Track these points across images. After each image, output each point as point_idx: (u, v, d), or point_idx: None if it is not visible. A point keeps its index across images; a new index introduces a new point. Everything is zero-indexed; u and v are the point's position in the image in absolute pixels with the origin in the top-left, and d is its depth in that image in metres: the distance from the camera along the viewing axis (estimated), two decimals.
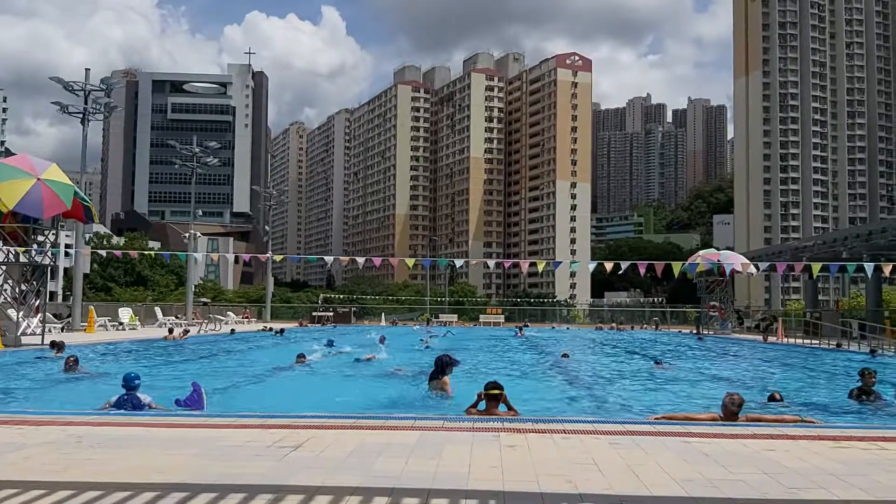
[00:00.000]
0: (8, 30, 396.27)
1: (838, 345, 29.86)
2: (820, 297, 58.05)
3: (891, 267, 21.49)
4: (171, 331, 30.35)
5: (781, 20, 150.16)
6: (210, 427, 7.76)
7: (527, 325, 51.32)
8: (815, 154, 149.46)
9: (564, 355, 23.83)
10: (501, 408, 9.33)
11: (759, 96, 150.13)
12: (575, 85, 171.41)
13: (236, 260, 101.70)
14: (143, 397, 9.97)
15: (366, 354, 20.08)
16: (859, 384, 12.72)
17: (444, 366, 12.13)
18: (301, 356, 18.71)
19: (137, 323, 36.81)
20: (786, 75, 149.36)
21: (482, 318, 62.22)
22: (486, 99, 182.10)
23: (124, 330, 34.32)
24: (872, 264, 24.66)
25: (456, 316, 66.49)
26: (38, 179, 22.75)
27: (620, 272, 24.30)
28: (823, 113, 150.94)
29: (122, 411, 9.33)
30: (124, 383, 9.97)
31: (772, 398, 11.99)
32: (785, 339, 35.44)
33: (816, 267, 21.48)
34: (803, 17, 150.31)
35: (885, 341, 30.14)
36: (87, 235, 74.61)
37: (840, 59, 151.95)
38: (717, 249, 61.76)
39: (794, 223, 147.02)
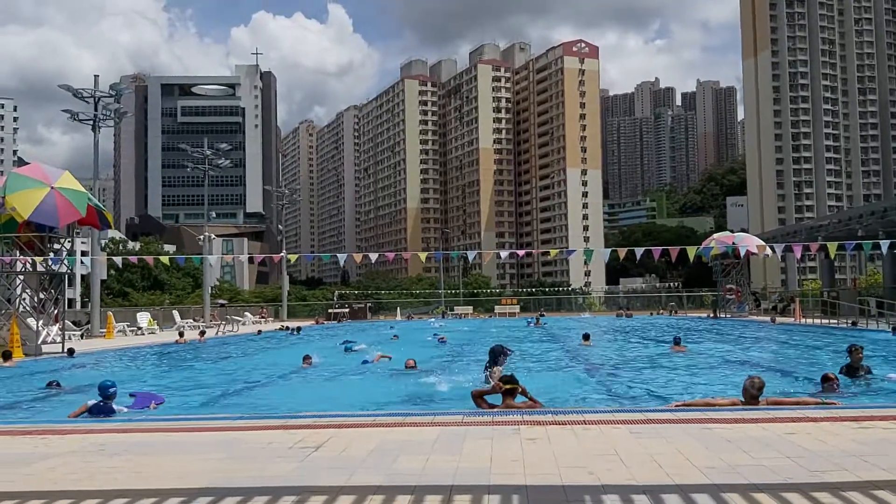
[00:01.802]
0: (17, 38, 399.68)
1: (854, 323, 29.70)
2: (837, 276, 57.68)
3: None
4: (181, 334, 30.40)
5: None
6: (232, 430, 7.82)
7: (543, 315, 51.02)
8: (827, 132, 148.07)
9: (586, 337, 23.81)
10: (519, 399, 9.33)
11: (769, 76, 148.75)
12: (582, 72, 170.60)
13: (251, 260, 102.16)
14: (119, 409, 10.14)
15: (376, 354, 19.64)
16: (848, 361, 13.04)
17: (496, 355, 12.31)
18: (307, 357, 18.34)
19: (156, 327, 37.03)
20: (795, 54, 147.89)
21: (497, 309, 62.19)
22: (493, 90, 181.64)
23: (143, 335, 34.54)
24: (888, 241, 24.44)
25: (471, 308, 66.54)
26: (52, 188, 22.89)
27: (636, 260, 24.22)
28: (834, 91, 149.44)
29: (141, 417, 9.42)
30: (100, 391, 10.09)
31: (825, 379, 11.48)
32: (803, 320, 35.27)
33: (833, 246, 21.28)
34: None
35: None
36: (103, 241, 75.13)
37: (849, 35, 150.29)
38: (732, 232, 61.50)
39: (808, 203, 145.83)
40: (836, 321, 31.64)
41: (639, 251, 20.65)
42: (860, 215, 43.57)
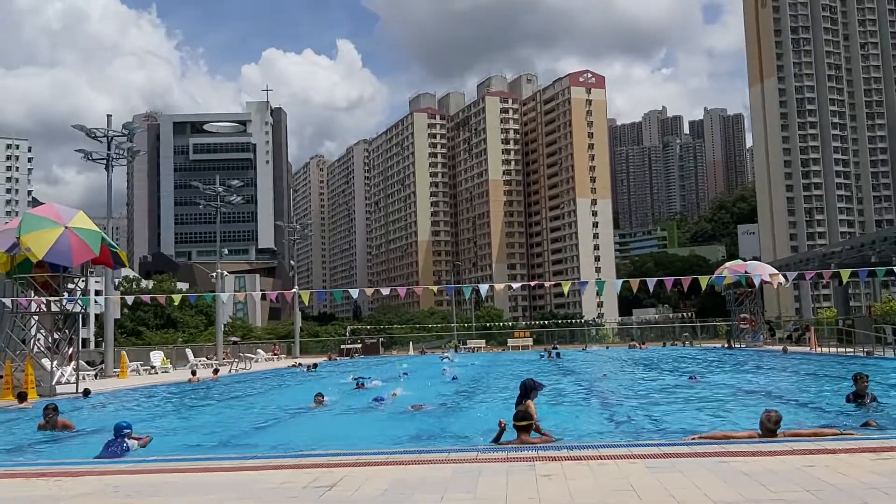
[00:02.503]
0: (33, 80, 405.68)
1: (869, 352, 29.36)
2: (851, 304, 57.18)
3: None
4: (193, 373, 30.37)
5: (793, 25, 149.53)
6: (245, 469, 7.79)
7: (556, 347, 50.61)
8: (837, 158, 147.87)
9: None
10: (534, 435, 9.28)
11: (776, 103, 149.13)
12: (589, 102, 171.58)
13: (263, 297, 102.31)
14: (131, 442, 10.39)
15: (394, 390, 19.48)
16: (854, 389, 13.23)
17: (528, 390, 12.29)
18: (319, 396, 17.95)
19: (169, 366, 37.04)
20: (801, 80, 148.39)
21: (510, 342, 61.96)
22: (501, 121, 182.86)
23: (157, 373, 34.55)
24: None
25: (483, 341, 66.30)
26: (66, 228, 23.11)
27: (649, 290, 24.11)
28: (842, 116, 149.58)
29: (154, 458, 9.40)
30: (115, 432, 10.37)
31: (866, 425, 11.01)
32: (818, 349, 34.92)
33: (846, 273, 21.17)
34: (815, 21, 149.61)
35: None
36: (117, 280, 75.56)
37: (855, 60, 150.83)
38: (744, 260, 61.14)
39: (819, 229, 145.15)
40: (851, 350, 31.30)
41: (651, 281, 20.59)
42: (873, 241, 43.37)
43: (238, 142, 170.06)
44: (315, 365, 37.23)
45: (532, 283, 42.31)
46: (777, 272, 39.29)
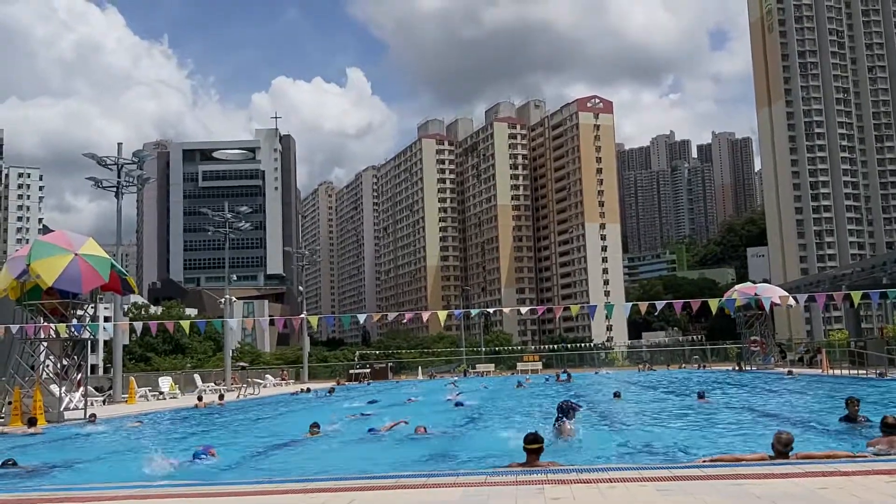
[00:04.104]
0: (46, 110, 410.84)
1: (881, 374, 29.09)
2: (863, 325, 56.77)
3: None
4: (200, 398, 30.28)
5: (801, 49, 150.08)
6: (251, 494, 7.73)
7: (565, 373, 49.32)
8: (846, 180, 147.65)
9: (616, 395, 23.61)
10: (544, 458, 9.18)
11: (784, 126, 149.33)
12: (597, 127, 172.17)
13: (271, 322, 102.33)
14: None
15: (386, 423, 18.02)
16: (846, 412, 13.82)
17: (565, 412, 12.40)
18: (314, 426, 16.76)
19: (178, 391, 37.00)
20: (809, 103, 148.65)
21: (519, 366, 61.63)
22: (509, 147, 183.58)
23: (165, 399, 34.51)
24: None
25: (493, 365, 65.99)
26: (76, 255, 23.24)
27: (656, 312, 24.08)
28: (850, 138, 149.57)
29: (166, 482, 9.36)
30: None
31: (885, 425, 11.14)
32: (830, 371, 34.62)
33: (857, 295, 21.04)
34: (822, 45, 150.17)
35: None
36: (126, 306, 75.76)
37: (863, 83, 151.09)
38: (754, 283, 60.85)
39: (830, 251, 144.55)
40: (864, 372, 31.01)
41: (660, 304, 20.52)
42: (884, 262, 43.14)
43: (247, 168, 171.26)
44: (332, 389, 37.29)
45: (540, 308, 42.23)
46: (787, 294, 39.11)
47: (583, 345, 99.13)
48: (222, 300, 50.01)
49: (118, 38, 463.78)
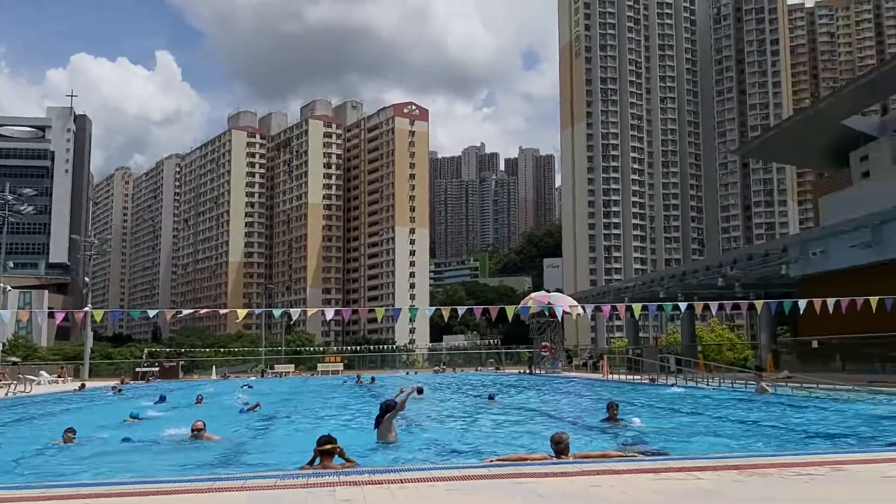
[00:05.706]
0: None
1: (653, 379, 31.87)
2: (641, 335, 61.92)
3: (702, 305, 23.30)
4: None
5: (603, 76, 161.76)
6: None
7: (370, 376, 50.00)
8: (635, 200, 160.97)
9: (491, 398, 23.40)
10: (337, 461, 9.08)
11: (584, 146, 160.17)
12: (412, 133, 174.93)
13: (50, 315, 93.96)
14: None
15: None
16: (607, 415, 15.83)
17: (386, 409, 12.29)
18: (69, 431, 14.41)
19: None
20: (607, 127, 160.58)
21: (320, 366, 61.08)
22: (324, 145, 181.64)
23: None
24: (686, 303, 26.65)
25: (293, 366, 64.85)
26: None
27: (458, 318, 24.76)
28: (641, 162, 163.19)
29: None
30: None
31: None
32: (610, 375, 37.38)
33: (637, 307, 22.87)
34: (622, 74, 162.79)
35: (699, 374, 32.50)
36: None
37: (655, 112, 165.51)
38: (548, 291, 64.48)
39: (616, 265, 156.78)
40: (639, 377, 33.79)
41: (462, 309, 21.12)
42: (661, 278, 47.26)
43: (34, 148, 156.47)
44: (118, 388, 34.74)
45: (346, 310, 42.10)
46: (577, 304, 41.82)
47: (386, 346, 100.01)
48: None
49: None
